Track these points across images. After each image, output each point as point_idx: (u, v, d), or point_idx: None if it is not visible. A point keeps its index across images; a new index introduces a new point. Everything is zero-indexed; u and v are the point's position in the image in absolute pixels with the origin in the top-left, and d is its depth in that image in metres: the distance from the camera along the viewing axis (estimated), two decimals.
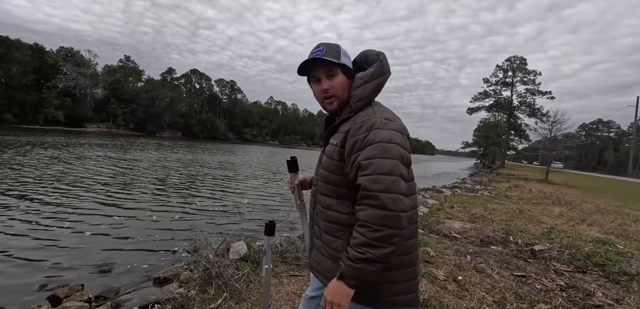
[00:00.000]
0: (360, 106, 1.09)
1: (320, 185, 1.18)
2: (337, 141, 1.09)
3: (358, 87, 1.10)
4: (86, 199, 7.33)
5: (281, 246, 3.58)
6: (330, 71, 1.12)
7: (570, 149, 25.83)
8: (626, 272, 3.66)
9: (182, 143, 42.75)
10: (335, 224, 1.10)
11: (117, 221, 5.89)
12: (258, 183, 12.54)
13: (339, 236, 1.09)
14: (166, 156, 20.56)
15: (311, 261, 1.27)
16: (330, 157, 1.11)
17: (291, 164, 1.52)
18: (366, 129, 1.00)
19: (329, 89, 1.13)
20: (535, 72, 40.70)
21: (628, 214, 8.21)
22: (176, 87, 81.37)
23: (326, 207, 1.13)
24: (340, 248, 1.08)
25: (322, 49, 1.12)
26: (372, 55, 1.16)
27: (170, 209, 7.15)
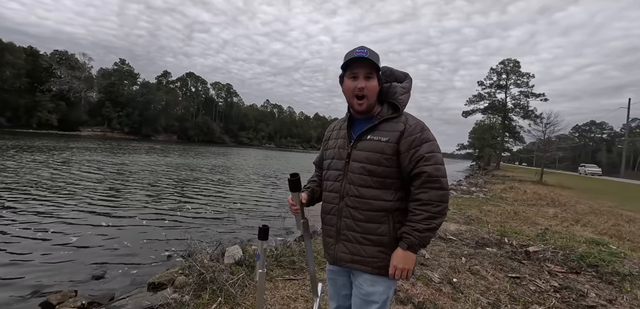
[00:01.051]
0: (403, 110, 1.29)
1: (358, 178, 1.27)
2: (388, 138, 1.24)
3: (402, 94, 1.30)
4: (79, 204, 7.26)
5: (276, 249, 3.56)
6: (369, 73, 1.26)
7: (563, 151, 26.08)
8: (619, 272, 3.70)
9: (178, 147, 42.49)
10: (379, 211, 1.25)
11: (110, 226, 5.84)
12: (253, 187, 12.50)
13: (384, 221, 1.25)
14: (161, 160, 20.44)
15: (339, 254, 1.34)
16: (380, 152, 1.24)
17: (294, 184, 1.41)
18: (420, 129, 1.24)
19: (364, 89, 1.26)
20: (528, 75, 41.11)
21: (621, 215, 8.30)
22: (172, 91, 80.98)
23: (370, 198, 1.25)
24: (386, 232, 1.24)
25: (366, 51, 1.24)
26: (399, 73, 1.38)
27: (164, 213, 7.10)
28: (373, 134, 1.27)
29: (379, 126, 1.28)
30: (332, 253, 1.36)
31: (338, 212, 1.32)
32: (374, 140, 1.26)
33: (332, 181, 1.36)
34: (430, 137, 1.24)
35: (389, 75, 1.37)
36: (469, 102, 45.02)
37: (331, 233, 1.36)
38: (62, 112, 54.44)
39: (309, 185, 1.57)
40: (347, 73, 1.30)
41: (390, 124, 1.26)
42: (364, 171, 1.26)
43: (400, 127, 1.24)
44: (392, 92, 1.31)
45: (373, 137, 1.26)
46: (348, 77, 1.29)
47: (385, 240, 1.25)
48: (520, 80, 41.30)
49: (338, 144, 1.39)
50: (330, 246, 1.37)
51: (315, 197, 1.53)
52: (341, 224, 1.31)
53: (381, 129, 1.27)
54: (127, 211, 7.00)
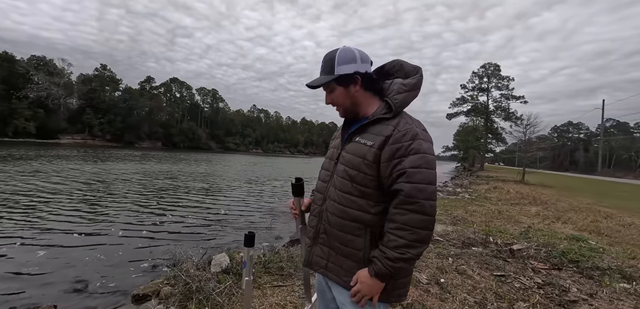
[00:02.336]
0: (399, 111, 1.13)
1: (340, 182, 1.17)
2: (372, 142, 1.10)
3: (401, 93, 1.13)
4: (57, 214, 6.99)
5: (264, 256, 3.52)
6: (328, 87, 1.20)
7: (543, 151, 26.95)
8: (598, 267, 3.83)
9: (162, 154, 41.59)
10: (356, 222, 1.12)
11: (90, 237, 5.64)
12: (239, 194, 12.34)
13: (359, 234, 1.12)
14: (144, 168, 19.95)
15: (314, 258, 1.26)
16: (362, 157, 1.12)
17: (297, 188, 1.38)
18: (410, 137, 1.05)
19: (331, 103, 1.21)
20: (508, 78, 42.41)
21: (599, 211, 8.61)
22: (156, 97, 79.38)
23: (347, 205, 1.14)
24: (361, 246, 1.12)
25: (322, 65, 1.18)
26: (409, 67, 1.20)
27: (147, 222, 6.91)
28: (361, 135, 1.15)
29: (369, 127, 1.15)
30: (307, 255, 1.30)
31: (319, 214, 1.25)
32: (359, 143, 1.14)
33: (321, 181, 1.31)
34: (422, 148, 1.04)
35: (398, 70, 1.22)
36: (453, 105, 46.02)
37: (310, 234, 1.30)
38: (40, 119, 52.51)
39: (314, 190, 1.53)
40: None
41: (380, 126, 1.12)
42: (346, 175, 1.15)
43: (387, 131, 1.09)
44: (390, 90, 1.17)
45: (360, 139, 1.15)
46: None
47: (359, 255, 1.12)
48: (500, 83, 42.56)
49: (334, 145, 1.32)
50: (307, 247, 1.31)
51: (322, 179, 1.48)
52: (320, 227, 1.24)
53: (370, 130, 1.14)
54: (109, 221, 6.78)
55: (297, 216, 1.42)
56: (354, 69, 1.15)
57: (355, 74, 1.15)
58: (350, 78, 1.15)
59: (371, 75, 1.19)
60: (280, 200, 11.40)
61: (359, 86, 1.16)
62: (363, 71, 1.16)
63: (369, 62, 1.19)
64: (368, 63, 1.19)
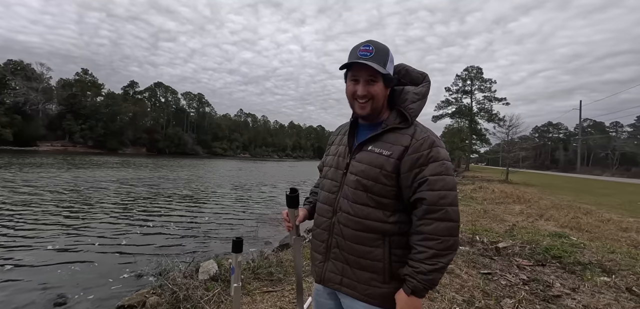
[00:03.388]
0: (413, 121, 1.11)
1: (353, 193, 1.11)
2: (390, 152, 1.06)
3: (414, 102, 1.11)
4: (36, 223, 6.73)
5: (253, 262, 3.48)
6: (373, 77, 1.08)
7: (526, 151, 27.74)
8: (580, 262, 3.95)
9: (146, 160, 40.67)
10: (373, 233, 1.08)
11: (72, 246, 5.45)
12: (227, 200, 12.20)
13: (378, 245, 1.08)
14: (127, 175, 19.45)
15: (327, 274, 1.18)
16: (379, 167, 1.07)
17: (291, 200, 1.32)
18: (428, 146, 1.04)
19: (366, 95, 1.09)
20: (490, 81, 43.62)
21: (579, 208, 8.90)
22: (139, 101, 77.66)
23: (363, 217, 1.09)
24: (380, 257, 1.07)
25: (371, 49, 1.07)
26: (415, 74, 1.17)
27: (131, 231, 6.73)
28: (374, 144, 1.10)
29: (383, 136, 1.10)
30: (319, 271, 1.22)
31: (329, 228, 1.17)
32: (374, 152, 1.09)
33: (327, 193, 1.22)
34: (441, 155, 1.04)
35: (404, 75, 1.18)
36: (438, 107, 46.91)
37: (320, 249, 1.21)
38: (17, 126, 50.46)
39: (310, 198, 1.42)
40: (349, 74, 1.14)
41: (395, 136, 1.08)
42: (360, 185, 1.09)
43: (405, 140, 1.06)
44: (402, 99, 1.13)
45: (374, 148, 1.10)
46: (349, 79, 1.14)
47: (379, 267, 1.07)
48: (483, 85, 43.70)
49: (338, 152, 1.24)
50: (318, 264, 1.22)
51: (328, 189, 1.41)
52: (332, 241, 1.16)
53: (384, 140, 1.09)
54: (88, 232, 6.55)
55: (291, 228, 1.36)
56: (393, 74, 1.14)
57: (393, 80, 1.14)
58: (391, 81, 1.13)
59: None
60: (268, 206, 11.31)
61: (388, 91, 1.14)
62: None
63: None
64: None
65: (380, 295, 1.08)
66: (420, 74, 1.16)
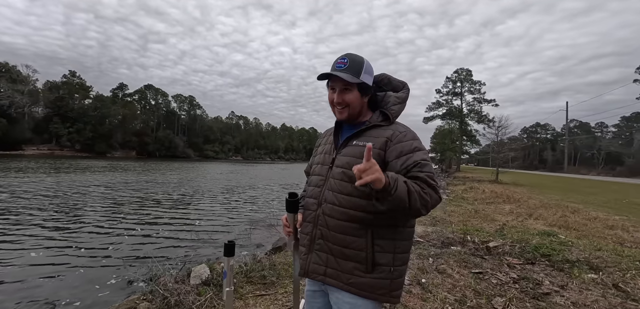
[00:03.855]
0: (394, 121, 1.24)
1: (338, 184, 1.20)
2: (376, 143, 1.17)
3: (396, 104, 1.26)
4: (20, 228, 6.55)
5: (246, 265, 3.45)
6: (347, 86, 1.20)
7: (515, 151, 28.22)
8: (568, 259, 4.02)
9: (136, 163, 40.03)
10: (357, 223, 1.14)
11: (57, 253, 5.32)
12: (219, 203, 12.09)
13: (361, 234, 1.14)
14: (115, 178, 19.13)
15: (311, 266, 1.24)
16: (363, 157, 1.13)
17: (291, 205, 1.33)
18: (411, 137, 1.17)
19: (341, 102, 1.22)
20: (480, 82, 44.28)
21: (567, 207, 9.09)
22: (129, 104, 76.49)
23: (348, 207, 1.15)
24: (362, 246, 1.13)
25: (346, 62, 1.20)
26: (396, 82, 1.33)
27: (121, 236, 6.60)
28: (359, 139, 1.21)
29: (366, 131, 1.22)
30: (303, 264, 1.27)
31: (314, 220, 1.24)
32: (358, 145, 1.19)
33: (313, 187, 1.31)
34: (421, 146, 1.17)
35: (386, 84, 1.33)
36: (429, 109, 47.36)
37: (305, 241, 1.28)
38: (2, 129, 49.12)
39: (302, 202, 1.45)
40: (329, 83, 1.26)
41: (377, 130, 1.20)
42: (345, 176, 1.17)
43: (387, 133, 1.18)
44: (385, 102, 1.27)
45: (358, 142, 1.20)
46: (329, 88, 1.26)
47: (362, 256, 1.12)
48: (473, 87, 44.32)
49: (325, 150, 1.34)
50: (303, 256, 1.28)
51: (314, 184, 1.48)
52: (316, 232, 1.22)
53: (367, 134, 1.21)
54: (76, 236, 6.43)
55: (291, 234, 1.38)
56: (371, 82, 1.26)
57: (371, 87, 1.26)
58: (368, 89, 1.25)
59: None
60: (260, 209, 11.25)
61: (367, 97, 1.27)
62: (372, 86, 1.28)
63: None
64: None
65: (363, 284, 1.13)
66: (400, 83, 1.32)
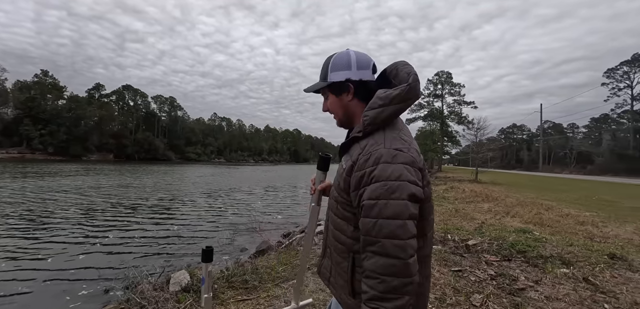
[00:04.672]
0: (369, 130, 0.95)
1: (330, 202, 1.13)
2: (346, 165, 0.99)
3: (374, 109, 0.96)
4: None
5: (227, 270, 3.39)
6: (323, 94, 1.12)
7: (493, 151, 29.17)
8: (542, 255, 4.18)
9: (113, 167, 38.68)
10: (342, 245, 1.04)
11: (27, 264, 5.05)
12: (200, 206, 11.85)
13: (345, 258, 1.03)
14: (90, 182, 18.41)
15: (322, 269, 1.21)
16: (339, 180, 1.04)
17: (323, 161, 1.28)
18: (373, 162, 0.88)
19: (327, 111, 1.13)
20: (459, 85, 45.67)
21: (541, 204, 9.45)
22: (106, 105, 73.87)
23: (336, 228, 1.07)
24: (346, 270, 1.02)
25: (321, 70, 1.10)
26: (403, 73, 1.01)
27: (94, 243, 6.35)
28: (344, 155, 1.07)
29: (349, 146, 1.05)
30: (319, 263, 1.25)
31: (327, 229, 1.18)
32: (341, 163, 1.07)
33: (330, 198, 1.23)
34: (384, 174, 0.85)
35: (394, 76, 1.05)
36: (411, 111, 48.22)
37: (322, 245, 1.24)
38: None
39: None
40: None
41: (354, 147, 1.01)
42: (332, 195, 1.10)
43: (355, 154, 0.96)
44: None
45: (342, 160, 1.08)
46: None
47: (346, 278, 1.02)
48: (453, 90, 45.65)
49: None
50: (320, 257, 1.26)
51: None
52: (327, 240, 1.17)
53: (349, 151, 1.03)
54: (46, 245, 6.13)
55: (313, 192, 1.29)
56: (346, 77, 1.03)
57: (347, 82, 1.04)
58: (343, 86, 1.04)
59: (367, 83, 1.05)
60: (243, 212, 11.11)
61: (352, 94, 1.05)
62: (356, 79, 1.03)
63: (369, 67, 1.05)
64: (367, 69, 1.05)
65: (348, 305, 1.04)
66: (407, 74, 0.99)
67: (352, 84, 1.04)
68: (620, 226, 6.35)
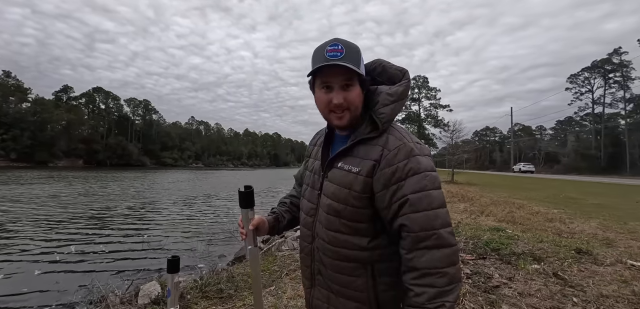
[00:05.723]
0: (386, 127, 0.92)
1: (326, 219, 0.97)
2: (359, 168, 0.90)
3: (387, 105, 0.91)
4: None
5: (201, 279, 3.25)
6: (348, 81, 0.90)
7: (468, 153, 30.22)
8: (515, 252, 4.31)
9: (82, 173, 36.75)
10: (353, 262, 0.93)
11: None
12: (172, 213, 11.45)
13: (359, 274, 0.93)
14: (54, 190, 17.39)
15: (315, 301, 1.06)
16: (348, 187, 0.91)
17: (245, 197, 1.09)
18: (404, 156, 0.85)
19: (343, 103, 0.90)
20: (435, 89, 47.14)
21: (513, 203, 9.82)
22: (74, 108, 70.34)
23: (338, 245, 0.95)
24: (363, 287, 0.92)
25: (340, 48, 0.88)
26: (393, 70, 0.97)
27: (59, 253, 5.97)
28: (344, 160, 0.95)
29: (353, 149, 0.94)
30: (308, 297, 1.12)
31: (311, 254, 1.05)
32: (343, 170, 0.93)
33: (305, 215, 1.08)
34: (421, 165, 0.85)
35: (380, 73, 0.99)
36: None
37: (306, 274, 1.10)
38: None
39: (275, 209, 1.24)
40: (318, 81, 0.94)
41: (365, 148, 0.92)
42: (332, 210, 0.95)
43: (376, 153, 0.89)
44: (374, 101, 0.94)
45: (343, 165, 0.94)
46: (319, 87, 0.94)
47: (363, 297, 0.93)
48: (429, 93, 47.10)
49: (314, 168, 1.08)
50: (307, 290, 1.12)
51: (280, 226, 1.20)
52: (315, 267, 1.04)
53: (354, 154, 0.93)
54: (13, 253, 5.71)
55: (245, 237, 1.11)
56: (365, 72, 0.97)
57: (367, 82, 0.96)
58: (365, 83, 0.95)
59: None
60: (221, 218, 10.84)
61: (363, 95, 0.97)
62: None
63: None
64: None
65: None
66: (399, 71, 0.97)
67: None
68: (585, 222, 6.69)
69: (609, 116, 51.75)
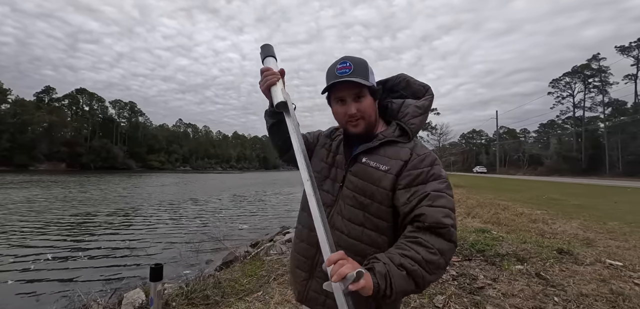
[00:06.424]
0: (414, 136, 1.06)
1: (349, 211, 1.02)
2: (388, 166, 0.98)
3: (416, 116, 1.06)
4: None
5: (187, 286, 3.20)
6: (359, 93, 1.01)
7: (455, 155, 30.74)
8: (499, 253, 4.40)
9: (64, 177, 35.61)
10: (365, 258, 0.93)
11: None
12: (160, 218, 11.23)
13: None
14: (31, 195, 16.82)
15: (311, 293, 1.07)
16: (376, 184, 0.98)
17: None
18: (429, 163, 0.98)
19: (357, 113, 1.02)
20: None
21: (498, 204, 10.03)
22: (57, 110, 68.37)
23: (357, 238, 0.99)
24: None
25: (349, 65, 1.00)
26: (417, 86, 1.11)
27: (37, 261, 5.77)
28: (370, 157, 1.02)
29: (379, 149, 1.03)
30: (301, 289, 1.10)
31: (317, 244, 1.00)
32: (370, 166, 1.01)
33: (327, 205, 1.09)
34: (442, 174, 0.98)
35: (404, 87, 1.13)
36: None
37: (305, 265, 1.09)
38: None
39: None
40: (333, 96, 1.06)
41: (394, 149, 1.02)
42: (356, 203, 1.01)
43: (405, 155, 1.00)
44: (403, 113, 1.07)
45: (369, 161, 1.02)
46: (335, 102, 1.06)
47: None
48: None
49: (336, 162, 1.12)
50: (301, 281, 1.10)
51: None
52: (320, 258, 1.01)
53: (381, 153, 1.02)
54: None
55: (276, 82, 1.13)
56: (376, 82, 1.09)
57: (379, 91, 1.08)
58: (377, 92, 1.07)
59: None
60: (208, 222, 10.70)
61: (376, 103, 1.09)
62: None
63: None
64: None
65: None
66: (423, 87, 1.11)
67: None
68: (567, 222, 6.88)
69: (589, 119, 53.63)
